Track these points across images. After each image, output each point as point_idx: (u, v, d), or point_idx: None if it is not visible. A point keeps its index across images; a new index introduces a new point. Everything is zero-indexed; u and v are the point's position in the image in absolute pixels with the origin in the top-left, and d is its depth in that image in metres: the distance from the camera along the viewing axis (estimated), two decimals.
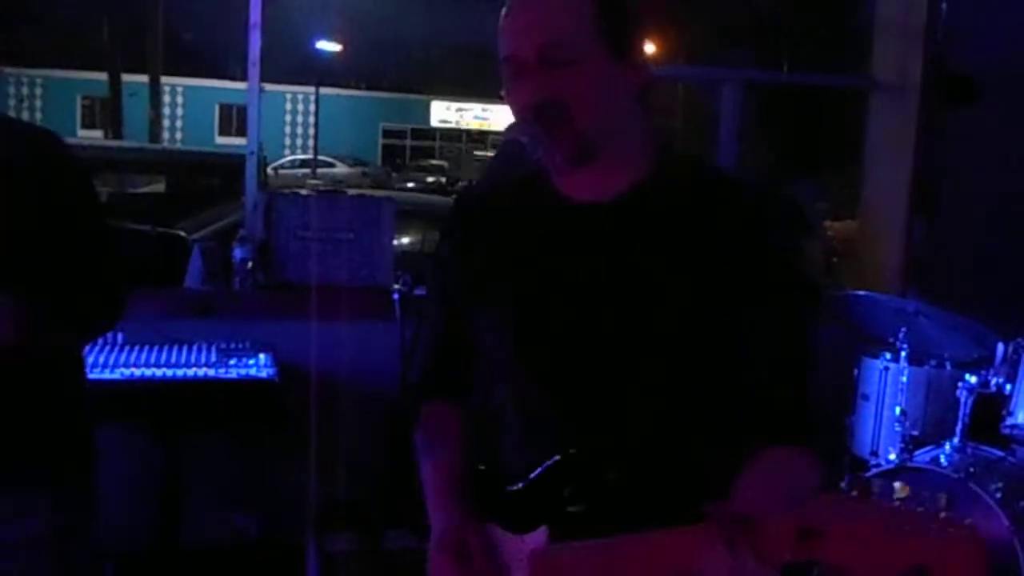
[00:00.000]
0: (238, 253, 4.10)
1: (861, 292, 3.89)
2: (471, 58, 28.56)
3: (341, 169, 26.91)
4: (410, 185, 24.90)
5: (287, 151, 29.70)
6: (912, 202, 4.56)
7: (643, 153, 1.57)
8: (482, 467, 1.60)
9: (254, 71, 4.32)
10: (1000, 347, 3.37)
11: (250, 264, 4.11)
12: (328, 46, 25.32)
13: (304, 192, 4.43)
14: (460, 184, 26.48)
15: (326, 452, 3.74)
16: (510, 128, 1.54)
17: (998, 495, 3.20)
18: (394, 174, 28.89)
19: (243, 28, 4.29)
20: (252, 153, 4.43)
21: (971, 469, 3.25)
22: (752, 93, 5.30)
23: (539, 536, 1.46)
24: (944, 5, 4.41)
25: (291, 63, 22.16)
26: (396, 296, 3.97)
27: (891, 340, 3.59)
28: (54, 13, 23.33)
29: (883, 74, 4.70)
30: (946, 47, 4.40)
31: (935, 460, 3.34)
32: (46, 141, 2.09)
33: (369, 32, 24.26)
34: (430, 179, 27.56)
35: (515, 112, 1.53)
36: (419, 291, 4.17)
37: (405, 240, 6.84)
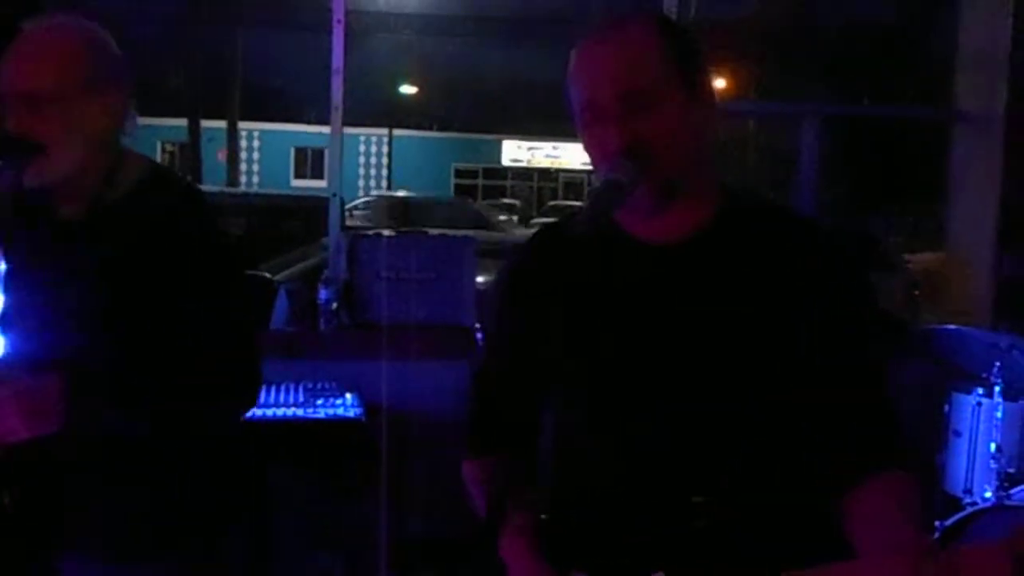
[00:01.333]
0: (323, 294, 4.17)
1: (951, 327, 3.81)
2: (542, 97, 28.72)
3: None
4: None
5: (361, 192, 30.08)
6: (1000, 234, 4.48)
7: (711, 192, 1.58)
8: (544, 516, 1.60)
9: (336, 115, 4.41)
10: None
11: (335, 305, 4.17)
12: (404, 88, 25.73)
13: (387, 233, 4.49)
14: (533, 222, 26.61)
15: (410, 492, 3.76)
16: (605, 170, 1.53)
17: None
18: None
19: (317, 72, 4.37)
20: (335, 195, 4.50)
21: None
22: (828, 128, 5.27)
23: None
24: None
25: (366, 106, 22.52)
26: (480, 335, 4.00)
27: (984, 375, 3.51)
28: (133, 62, 23.95)
29: (966, 105, 4.63)
30: None
31: None
32: (196, 203, 1.98)
33: (442, 73, 24.57)
34: (502, 218, 27.66)
35: (597, 158, 1.52)
36: None
37: (480, 279, 6.89)
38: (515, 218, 28.08)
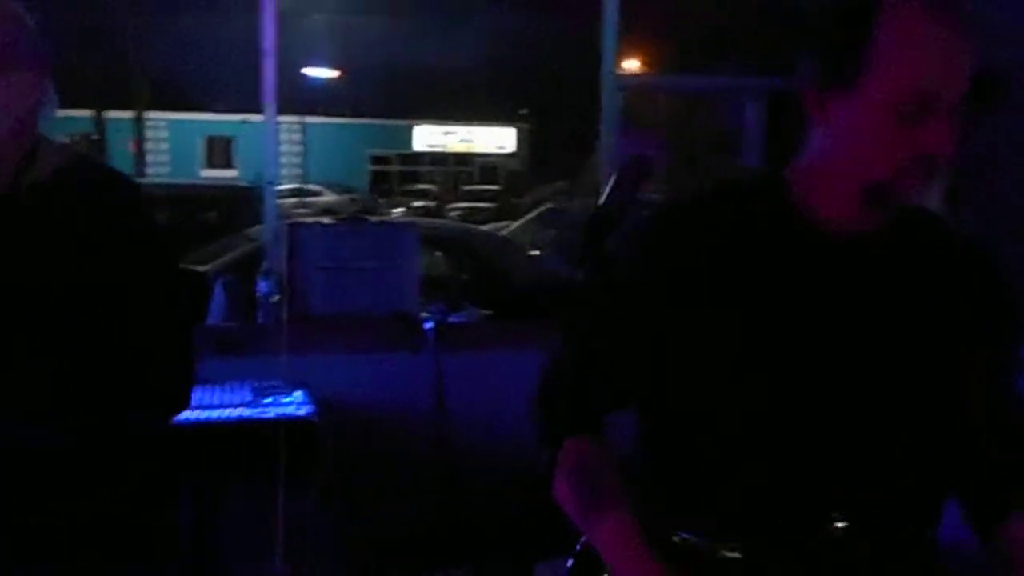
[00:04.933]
0: (262, 287, 3.98)
1: None
2: (456, 82, 28.56)
3: (329, 197, 26.74)
4: (399, 210, 24.81)
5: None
6: (948, 198, 4.46)
7: None
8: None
9: (270, 99, 4.21)
10: None
11: (275, 297, 3.99)
12: (318, 73, 25.28)
13: (326, 221, 4.31)
14: (449, 208, 26.42)
15: (366, 492, 3.61)
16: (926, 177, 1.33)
17: None
18: (382, 200, 28.77)
19: (227, 59, 4.18)
20: (270, 183, 4.31)
21: None
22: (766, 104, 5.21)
23: None
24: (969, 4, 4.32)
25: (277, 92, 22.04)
26: (430, 325, 3.86)
27: None
28: None
29: None
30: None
31: None
32: (127, 191, 1.83)
33: (355, 58, 24.22)
34: (418, 204, 27.45)
35: (902, 155, 1.31)
36: (455, 319, 4.07)
37: None
38: (431, 204, 27.90)
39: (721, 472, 1.42)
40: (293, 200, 25.32)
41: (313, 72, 24.00)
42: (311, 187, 26.97)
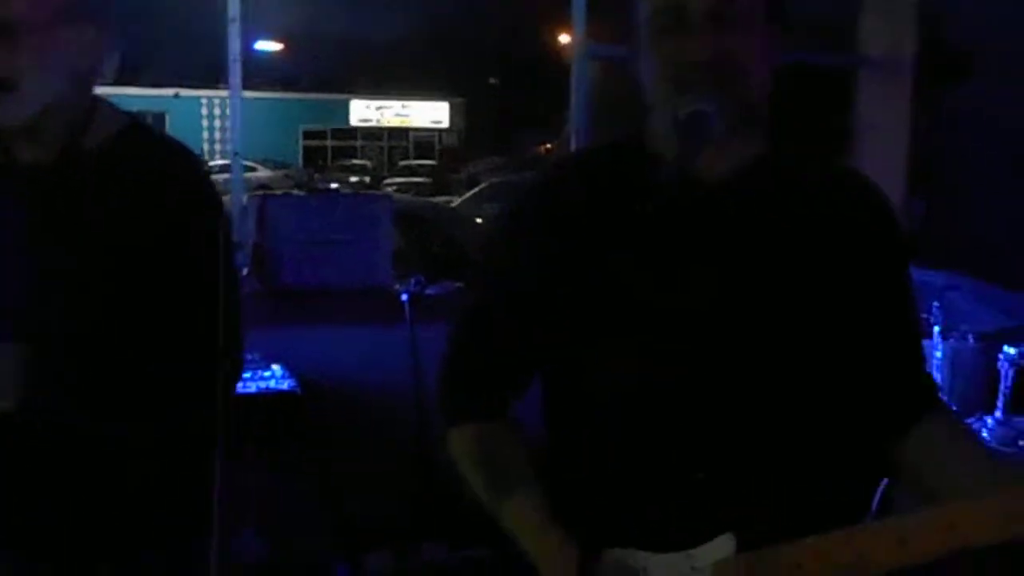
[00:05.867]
0: None
1: None
2: (390, 54, 28.31)
3: (263, 173, 26.43)
4: (333, 185, 24.60)
5: (206, 157, 29.12)
6: (909, 181, 4.53)
7: (760, 133, 1.47)
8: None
9: (235, 68, 4.12)
10: None
11: (245, 270, 3.92)
12: (267, 46, 24.86)
13: (297, 193, 4.24)
14: (385, 183, 26.26)
15: (348, 466, 3.57)
16: (682, 100, 1.36)
17: None
18: (317, 175, 28.50)
19: (153, 33, 4.08)
20: (236, 155, 4.23)
21: (1020, 442, 3.21)
22: None
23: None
24: None
25: (202, 68, 21.70)
26: (406, 297, 3.82)
27: (923, 315, 3.53)
28: None
29: (873, 50, 4.65)
30: (940, 21, 4.38)
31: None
32: (187, 162, 1.73)
33: (288, 31, 23.87)
34: (354, 179, 27.23)
35: (670, 72, 1.36)
36: (431, 291, 4.04)
37: None
38: (367, 179, 27.69)
39: (603, 429, 1.42)
40: (226, 176, 24.98)
41: (261, 45, 23.63)
42: (245, 163, 26.58)
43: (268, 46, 25.05)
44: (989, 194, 4.46)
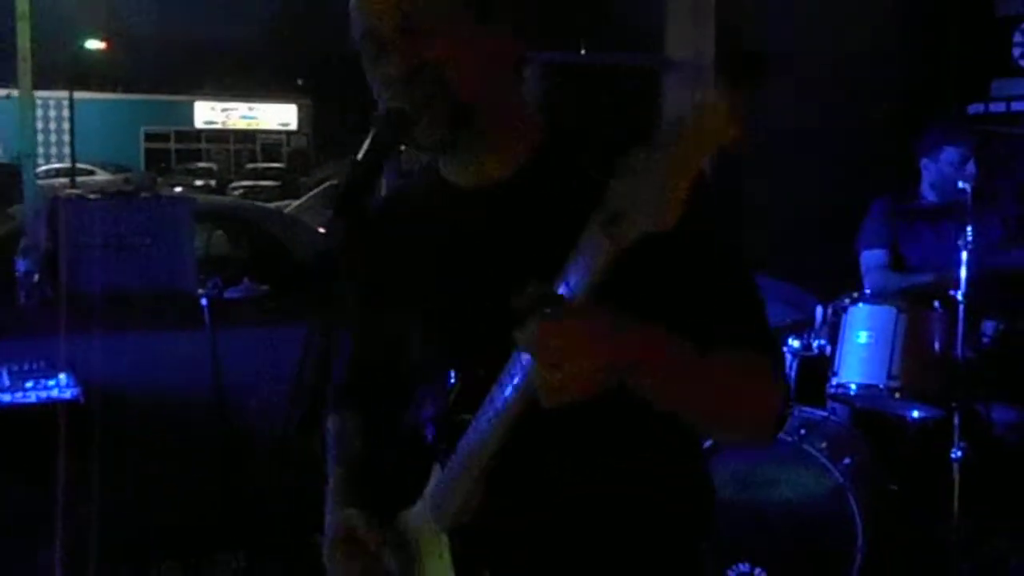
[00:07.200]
0: (22, 265, 3.77)
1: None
2: (236, 55, 27.74)
3: (102, 176, 25.59)
4: (178, 189, 23.96)
5: (41, 160, 27.98)
6: (715, 175, 4.65)
7: (527, 132, 1.47)
8: None
9: (25, 67, 3.97)
10: (819, 310, 3.46)
11: (36, 276, 3.77)
12: (89, 44, 23.98)
13: (92, 196, 4.09)
14: (231, 187, 25.70)
15: (139, 475, 3.46)
16: (388, 100, 1.39)
17: (826, 453, 3.29)
18: (159, 179, 27.71)
19: None
20: (28, 156, 4.07)
21: (802, 431, 3.33)
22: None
23: None
24: None
25: (41, 66, 20.80)
26: (205, 302, 3.74)
27: None
28: None
29: (678, 52, 4.77)
30: (740, 22, 4.52)
31: None
32: None
33: (127, 29, 23.12)
34: (199, 183, 26.58)
35: (385, 89, 1.40)
36: (230, 294, 3.95)
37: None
38: (212, 182, 27.06)
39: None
40: (63, 180, 24.03)
41: (89, 44, 22.83)
42: (82, 166, 25.67)
43: (99, 45, 24.23)
44: (796, 186, 4.61)
